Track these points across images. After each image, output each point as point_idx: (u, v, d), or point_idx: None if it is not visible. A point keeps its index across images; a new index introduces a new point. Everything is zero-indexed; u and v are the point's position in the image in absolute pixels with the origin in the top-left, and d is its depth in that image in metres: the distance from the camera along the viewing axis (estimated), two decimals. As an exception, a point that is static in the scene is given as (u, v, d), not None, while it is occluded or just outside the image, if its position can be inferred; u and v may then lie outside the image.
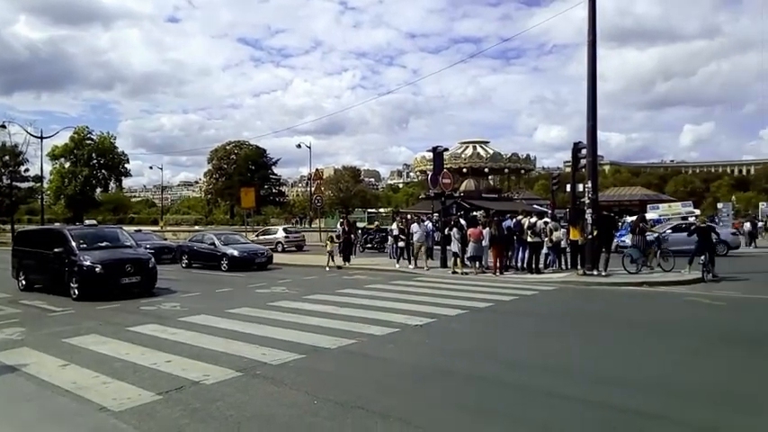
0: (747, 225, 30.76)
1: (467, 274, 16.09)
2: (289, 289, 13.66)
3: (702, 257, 14.42)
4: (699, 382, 5.74)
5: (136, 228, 35.35)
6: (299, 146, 45.32)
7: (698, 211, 27.72)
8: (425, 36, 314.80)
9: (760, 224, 30.12)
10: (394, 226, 23.18)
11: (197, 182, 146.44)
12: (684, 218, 28.39)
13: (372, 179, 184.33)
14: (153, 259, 14.13)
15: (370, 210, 70.86)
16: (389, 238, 23.01)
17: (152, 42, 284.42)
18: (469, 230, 16.44)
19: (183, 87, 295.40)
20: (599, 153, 17.63)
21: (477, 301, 11.05)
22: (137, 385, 5.69)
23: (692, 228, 16.80)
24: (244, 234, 26.94)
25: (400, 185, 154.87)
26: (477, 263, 16.30)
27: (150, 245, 21.54)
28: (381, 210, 79.33)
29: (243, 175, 69.54)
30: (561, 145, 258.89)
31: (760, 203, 48.73)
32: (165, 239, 29.70)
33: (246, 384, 5.73)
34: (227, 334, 8.21)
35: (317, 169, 48.93)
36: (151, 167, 72.17)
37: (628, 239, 18.03)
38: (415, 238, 17.65)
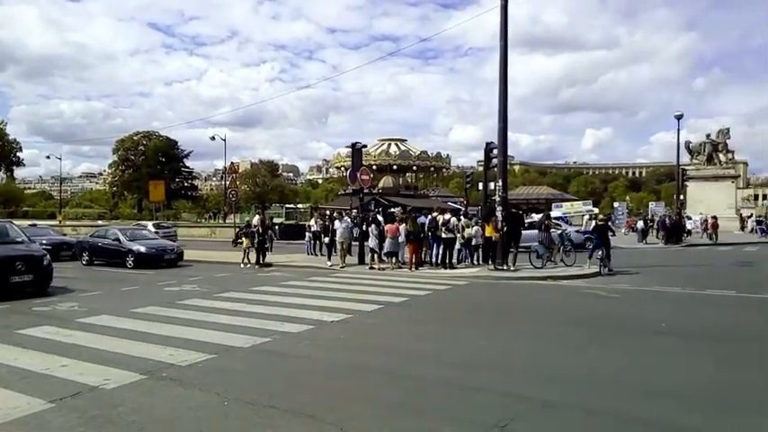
0: (640, 223, 33.55)
1: (384, 269, 16.29)
2: (200, 287, 13.15)
3: (600, 252, 15.54)
4: (591, 368, 6.18)
5: (30, 222, 32.44)
6: (213, 138, 43.46)
7: (596, 210, 29.82)
8: (345, 32, 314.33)
9: (657, 219, 32.88)
10: (312, 222, 23.03)
11: (101, 174, 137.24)
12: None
13: (291, 174, 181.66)
14: (48, 256, 13.04)
15: (288, 205, 69.81)
16: (306, 234, 22.83)
17: (50, 22, 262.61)
18: (387, 227, 16.65)
19: (86, 72, 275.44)
20: (509, 153, 18.49)
21: (393, 297, 11.21)
22: (26, 393, 5.22)
23: (592, 226, 18.09)
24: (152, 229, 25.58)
25: (320, 181, 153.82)
26: (394, 258, 16.55)
27: (47, 240, 19.87)
28: (300, 205, 78.38)
29: (152, 167, 66.03)
30: (475, 145, 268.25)
31: (650, 203, 53.24)
32: (64, 235, 27.52)
33: (151, 387, 5.45)
34: (131, 335, 7.75)
35: (232, 163, 47.33)
36: (48, 157, 66.00)
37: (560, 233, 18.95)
38: (338, 235, 17.39)
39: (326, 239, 18.65)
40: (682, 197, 40.26)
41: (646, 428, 4.44)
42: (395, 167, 46.30)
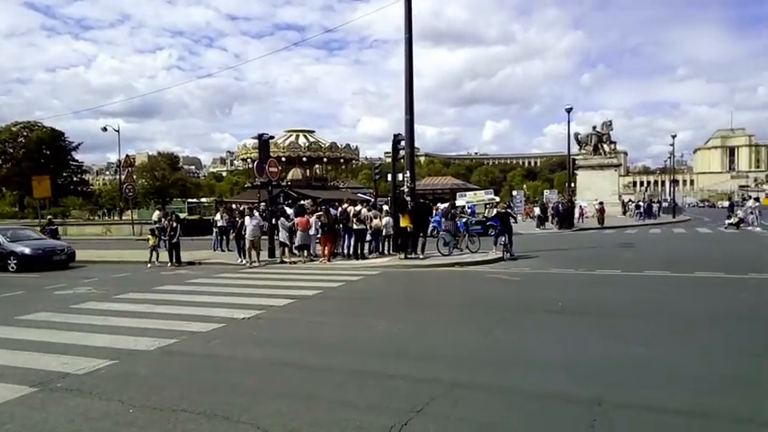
0: (537, 210, 35.79)
1: (295, 263, 16.09)
2: (96, 288, 12.25)
3: (503, 238, 16.39)
4: (497, 348, 6.54)
5: None
6: (104, 129, 40.27)
7: (498, 198, 31.38)
8: (247, 19, 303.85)
9: (551, 206, 35.13)
10: (218, 216, 22.18)
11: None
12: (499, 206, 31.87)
13: (193, 167, 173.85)
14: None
15: (190, 200, 66.61)
16: (214, 229, 21.97)
17: None
18: (297, 219, 16.44)
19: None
20: (416, 145, 18.90)
21: (306, 290, 11.13)
22: None
23: (494, 213, 19.02)
24: (37, 228, 23.35)
25: (224, 174, 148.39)
26: (306, 251, 16.40)
27: None
28: (204, 199, 75.09)
29: (35, 160, 60.22)
30: (383, 136, 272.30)
31: (545, 191, 56.85)
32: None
33: (44, 400, 5.01)
34: (17, 345, 7.07)
35: (127, 155, 44.30)
36: None
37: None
38: (248, 232, 16.09)
39: (233, 235, 18.05)
40: (573, 185, 43.42)
41: (545, 401, 4.75)
42: (304, 159, 45.67)
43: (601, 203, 36.67)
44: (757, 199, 36.65)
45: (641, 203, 45.26)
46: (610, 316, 8.35)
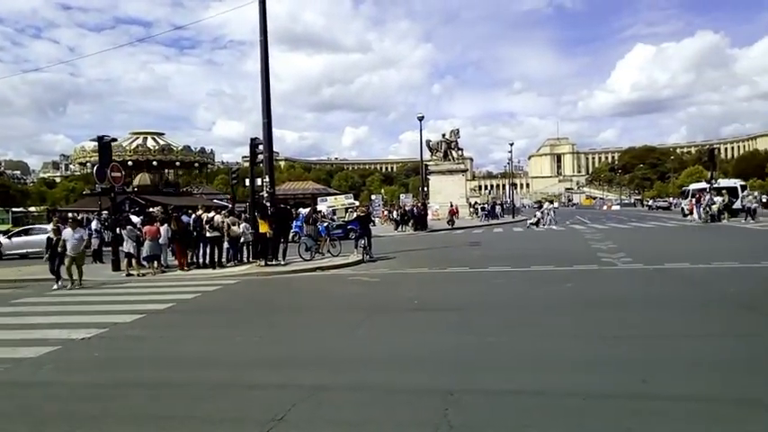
0: (395, 213, 37.27)
1: (144, 275, 14.92)
2: None
3: (362, 241, 16.82)
4: (360, 347, 6.71)
5: None
6: None
7: (357, 203, 32.13)
8: (83, 10, 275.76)
9: (407, 209, 36.75)
10: (50, 227, 19.73)
11: None
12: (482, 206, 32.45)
13: (18, 172, 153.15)
14: None
15: (15, 209, 58.43)
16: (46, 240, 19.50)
17: None
18: (145, 228, 15.28)
19: None
20: (275, 149, 18.64)
21: (156, 303, 10.38)
22: None
23: (354, 216, 19.44)
24: None
25: (57, 179, 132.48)
26: (156, 262, 15.28)
27: None
28: (33, 208, 66.49)
29: None
30: (240, 140, 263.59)
31: (401, 195, 59.43)
32: None
33: None
34: None
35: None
36: None
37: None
38: (69, 248, 13.25)
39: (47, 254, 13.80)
40: (426, 189, 45.93)
41: (404, 395, 4.98)
42: (154, 163, 42.38)
43: (452, 205, 39.27)
44: (551, 202, 41.69)
45: (486, 206, 49.38)
46: (461, 310, 8.97)
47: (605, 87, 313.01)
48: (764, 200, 53.84)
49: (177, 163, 43.45)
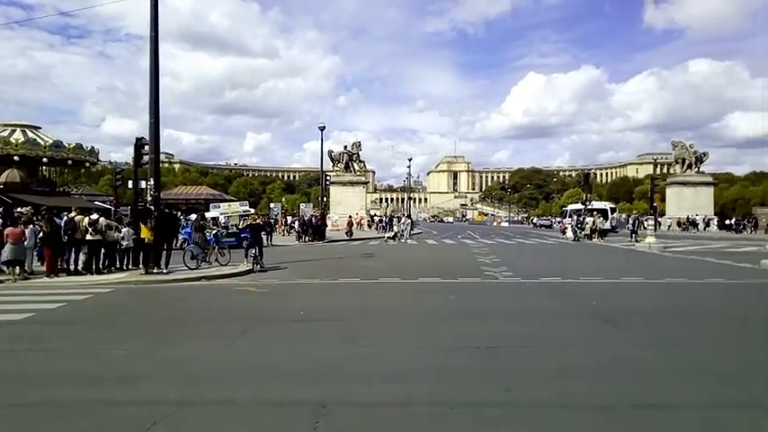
0: (296, 223, 36.92)
1: (3, 282, 13.41)
2: None
3: (253, 251, 16.38)
4: (238, 360, 6.48)
5: None
6: None
7: (253, 210, 31.27)
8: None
9: (306, 219, 36.44)
10: None
11: None
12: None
13: None
14: None
15: None
16: None
17: None
18: (8, 230, 13.78)
19: None
20: (169, 151, 17.82)
21: (13, 314, 9.36)
22: None
23: (246, 225, 18.90)
24: None
25: None
26: (18, 268, 13.80)
27: None
28: None
29: None
30: (133, 139, 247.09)
31: (301, 204, 58.87)
32: None
33: None
34: None
35: None
36: None
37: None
38: None
39: None
40: (326, 199, 45.86)
41: (277, 408, 4.88)
42: (15, 158, 37.94)
43: (350, 217, 39.52)
44: (409, 216, 43.59)
45: (384, 218, 50.26)
46: (345, 321, 9.01)
47: (501, 111, 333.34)
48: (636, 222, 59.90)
49: (45, 159, 39.14)
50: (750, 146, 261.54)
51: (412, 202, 75.45)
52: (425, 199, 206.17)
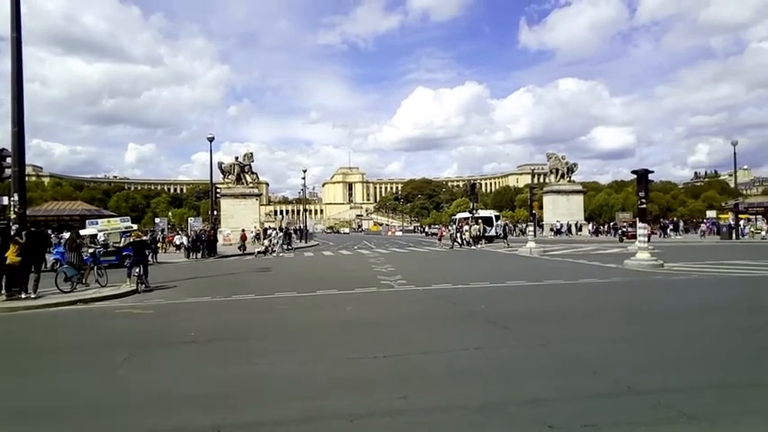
0: (184, 239, 35.08)
1: None
2: None
3: (137, 269, 15.30)
4: (122, 389, 6.00)
5: None
6: None
7: (135, 226, 29.17)
8: None
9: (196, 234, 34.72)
10: None
11: None
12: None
13: None
14: None
15: None
16: None
17: None
18: None
19: None
20: (38, 164, 15.98)
21: None
22: None
23: (128, 242, 17.63)
24: None
25: None
26: None
27: None
28: None
29: None
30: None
31: (190, 218, 56.06)
32: None
33: None
34: None
35: None
36: None
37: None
38: None
39: None
40: (216, 213, 44.09)
41: (166, 437, 4.62)
42: None
43: (243, 231, 38.30)
44: (281, 229, 44.08)
45: (278, 230, 49.32)
46: (240, 339, 8.69)
47: (392, 123, 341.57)
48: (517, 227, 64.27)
49: None
50: (611, 157, 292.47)
51: (307, 213, 74.71)
52: (321, 210, 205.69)
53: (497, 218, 48.91)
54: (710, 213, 58.26)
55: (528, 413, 4.92)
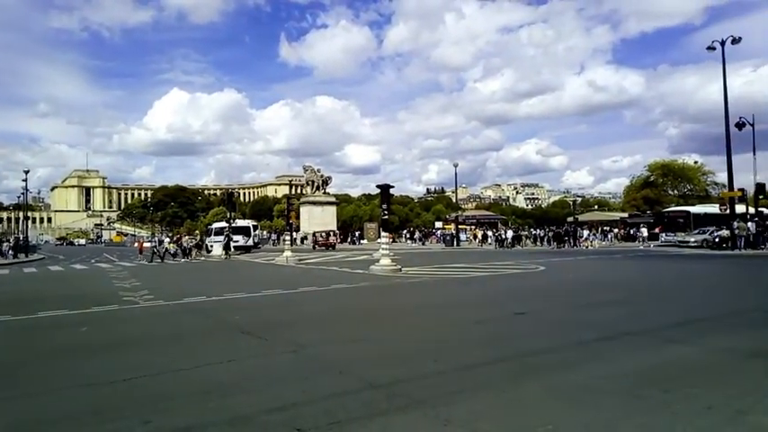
0: None
1: None
2: None
3: None
4: None
5: None
6: None
7: None
8: None
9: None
10: None
11: None
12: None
13: None
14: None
15: None
16: None
17: None
18: None
19: None
20: None
21: None
22: None
23: None
24: None
25: None
26: None
27: None
28: None
29: None
30: None
31: None
32: None
33: None
34: None
35: None
36: None
37: None
38: None
39: None
40: None
41: None
42: None
43: None
44: None
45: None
46: None
47: (142, 125, 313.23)
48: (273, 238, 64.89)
49: None
50: (361, 172, 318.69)
51: (30, 222, 62.83)
52: (50, 218, 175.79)
53: (255, 227, 48.77)
54: (438, 224, 68.34)
55: (278, 419, 5.05)
